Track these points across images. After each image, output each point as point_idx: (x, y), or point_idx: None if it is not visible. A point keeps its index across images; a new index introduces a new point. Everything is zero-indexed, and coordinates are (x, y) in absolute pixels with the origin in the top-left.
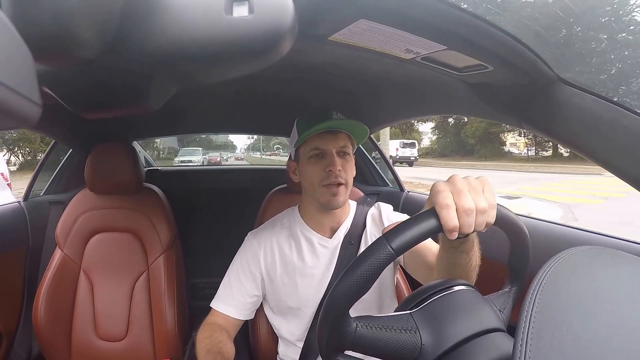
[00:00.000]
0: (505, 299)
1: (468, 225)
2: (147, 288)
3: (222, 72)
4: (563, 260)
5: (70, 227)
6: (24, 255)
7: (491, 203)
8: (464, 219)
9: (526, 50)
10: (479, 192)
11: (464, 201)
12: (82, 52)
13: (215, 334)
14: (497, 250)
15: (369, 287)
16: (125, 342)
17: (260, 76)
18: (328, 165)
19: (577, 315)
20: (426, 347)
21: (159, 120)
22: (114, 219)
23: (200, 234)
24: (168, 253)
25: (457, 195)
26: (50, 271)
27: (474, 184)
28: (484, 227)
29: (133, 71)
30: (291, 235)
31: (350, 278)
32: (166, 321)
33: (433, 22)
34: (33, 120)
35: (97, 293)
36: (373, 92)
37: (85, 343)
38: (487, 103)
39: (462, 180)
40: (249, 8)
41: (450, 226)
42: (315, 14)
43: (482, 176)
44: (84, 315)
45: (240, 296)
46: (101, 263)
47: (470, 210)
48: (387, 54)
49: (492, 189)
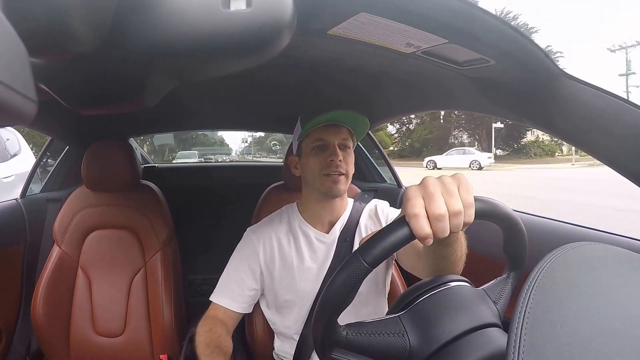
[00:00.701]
0: (501, 288)
1: (442, 230)
2: (144, 284)
3: (219, 67)
4: (559, 257)
5: (67, 224)
6: (21, 252)
7: (467, 202)
8: (436, 225)
9: (528, 43)
10: (453, 193)
11: (434, 207)
12: (77, 46)
13: (215, 328)
14: (492, 244)
15: (352, 298)
16: (123, 338)
17: (258, 71)
18: (330, 155)
19: (572, 311)
20: (414, 349)
21: (156, 116)
22: (111, 216)
23: (197, 231)
24: (165, 250)
25: (428, 200)
26: (49, 268)
27: (448, 184)
28: (462, 228)
29: (129, 66)
30: (290, 230)
31: (331, 293)
32: (163, 317)
33: (434, 15)
34: (29, 117)
35: (94, 289)
36: (373, 87)
37: (83, 339)
38: (488, 98)
39: (434, 182)
40: (246, 1)
41: (422, 234)
42: (315, 7)
43: (458, 173)
44: (82, 311)
45: (240, 289)
46: (99, 260)
47: (441, 216)
48: (388, 48)
49: (469, 185)
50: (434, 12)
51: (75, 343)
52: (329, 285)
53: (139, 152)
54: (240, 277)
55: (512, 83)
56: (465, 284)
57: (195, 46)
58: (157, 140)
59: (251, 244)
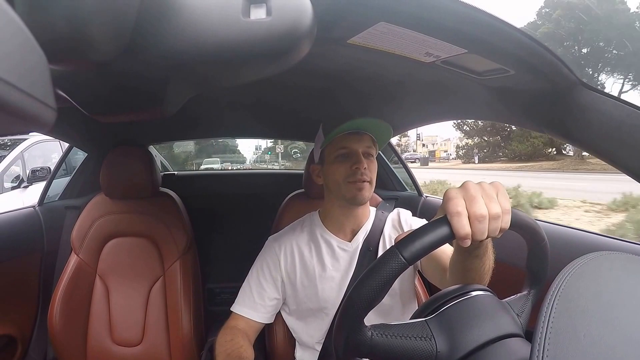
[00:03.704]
0: (523, 303)
1: (481, 232)
2: (163, 293)
3: (239, 76)
4: (581, 266)
5: (86, 232)
6: (39, 260)
7: (505, 208)
8: (476, 226)
9: (547, 53)
10: (492, 197)
11: (476, 208)
12: (96, 55)
13: (236, 339)
14: (516, 254)
15: (383, 296)
16: (141, 348)
17: (278, 79)
18: (355, 164)
19: (595, 321)
20: (442, 354)
21: (176, 124)
22: (130, 224)
23: (217, 239)
24: (184, 258)
25: (470, 201)
26: (66, 276)
27: (487, 189)
28: (498, 233)
29: (149, 75)
30: (311, 239)
31: (364, 287)
32: (182, 326)
33: (453, 25)
34: (48, 124)
35: (112, 298)
36: (393, 96)
37: (100, 348)
38: (508, 107)
39: (474, 186)
40: (266, 10)
41: (462, 234)
42: (335, 16)
43: (496, 181)
44: (100, 320)
45: (261, 299)
46: (117, 268)
47: (482, 217)
48: (407, 57)
49: (506, 193)
50: (453, 23)
51: (92, 352)
52: (362, 278)
53: (158, 159)
54: (261, 287)
55: (531, 93)
56: (490, 294)
57: (215, 55)
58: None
59: (272, 253)
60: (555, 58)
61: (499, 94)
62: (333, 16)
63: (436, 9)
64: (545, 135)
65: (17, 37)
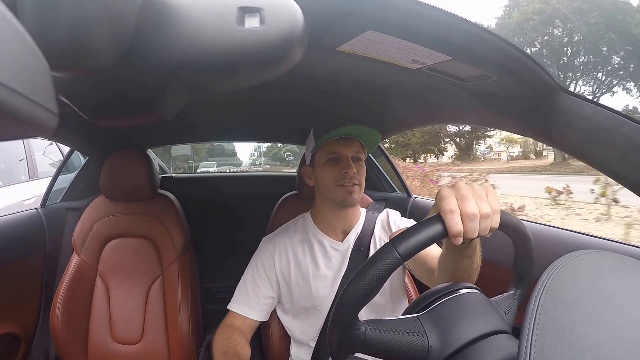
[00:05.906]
0: (510, 302)
1: (472, 230)
2: (161, 292)
3: (234, 82)
4: (567, 263)
5: (86, 233)
6: (41, 260)
7: (495, 208)
8: (468, 224)
9: (528, 60)
10: (483, 197)
11: (467, 207)
12: (96, 62)
13: (233, 336)
14: (502, 254)
15: (377, 292)
16: (141, 345)
17: (272, 85)
18: (344, 168)
19: (580, 317)
20: (433, 349)
21: (174, 128)
22: (130, 225)
23: (213, 239)
24: (182, 258)
25: (462, 200)
26: (68, 276)
27: (478, 190)
28: (488, 232)
29: (147, 81)
30: (304, 239)
31: (358, 283)
32: (180, 325)
33: (438, 33)
34: (50, 129)
35: (113, 297)
36: (382, 101)
37: (101, 346)
38: (492, 112)
39: (466, 186)
40: (260, 19)
41: (455, 231)
42: (325, 25)
43: (486, 183)
44: (100, 318)
45: (257, 298)
46: (117, 268)
47: (473, 216)
48: (394, 64)
49: (495, 194)
50: (438, 32)
51: (94, 350)
52: (358, 273)
53: (156, 162)
54: (256, 286)
55: (513, 97)
56: (478, 292)
57: (211, 62)
58: (175, 151)
59: (267, 253)
60: (535, 65)
61: (483, 99)
62: (323, 25)
63: (422, 18)
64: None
65: (21, 47)
